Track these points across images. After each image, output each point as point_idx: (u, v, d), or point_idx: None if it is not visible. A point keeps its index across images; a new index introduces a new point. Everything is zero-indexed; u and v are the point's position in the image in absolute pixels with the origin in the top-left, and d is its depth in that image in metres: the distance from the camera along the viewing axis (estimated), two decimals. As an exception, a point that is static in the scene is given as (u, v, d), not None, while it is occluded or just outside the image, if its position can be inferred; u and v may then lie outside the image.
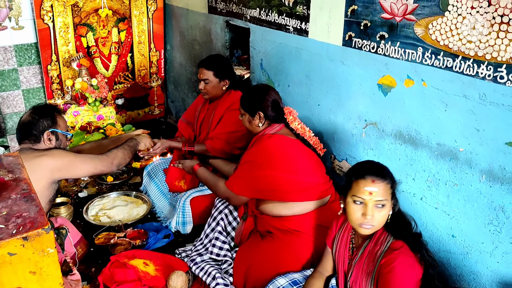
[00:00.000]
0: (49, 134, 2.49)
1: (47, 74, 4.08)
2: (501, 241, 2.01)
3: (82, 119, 3.94)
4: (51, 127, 2.50)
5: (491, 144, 1.96)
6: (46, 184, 2.37)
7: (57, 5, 3.94)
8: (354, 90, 2.57)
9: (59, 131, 2.54)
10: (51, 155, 2.40)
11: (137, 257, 2.60)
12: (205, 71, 3.09)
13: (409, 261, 1.77)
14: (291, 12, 2.89)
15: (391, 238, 1.84)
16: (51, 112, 2.54)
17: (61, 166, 2.40)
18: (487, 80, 1.90)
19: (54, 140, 2.52)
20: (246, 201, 2.58)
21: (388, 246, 1.83)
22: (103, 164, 2.55)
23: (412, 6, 2.13)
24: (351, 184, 1.84)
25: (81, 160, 2.49)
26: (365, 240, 1.93)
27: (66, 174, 2.44)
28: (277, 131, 2.51)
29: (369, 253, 1.87)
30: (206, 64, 3.10)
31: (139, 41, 4.57)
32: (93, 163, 2.52)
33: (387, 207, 1.81)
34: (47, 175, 2.35)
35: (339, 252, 2.05)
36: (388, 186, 1.81)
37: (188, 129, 3.44)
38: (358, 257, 1.92)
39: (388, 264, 1.77)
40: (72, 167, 2.44)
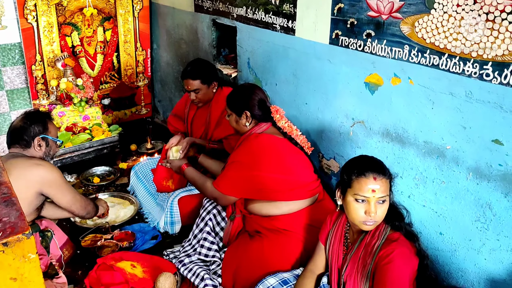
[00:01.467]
0: (40, 140, 2.48)
1: (31, 74, 4.02)
2: (488, 238, 2.02)
3: (67, 120, 3.89)
4: (42, 133, 2.50)
5: (477, 141, 1.97)
6: (35, 193, 2.36)
7: (41, 4, 3.88)
8: (341, 89, 2.56)
9: (50, 137, 2.54)
10: (49, 168, 2.40)
11: (124, 259, 2.58)
12: (191, 81, 3.03)
13: (407, 252, 1.78)
14: (278, 11, 2.87)
15: (388, 230, 1.84)
16: (43, 118, 2.54)
17: (53, 183, 2.40)
18: (473, 77, 1.91)
19: (44, 146, 2.51)
20: (234, 201, 2.57)
21: (385, 237, 1.83)
22: (78, 206, 2.59)
23: (398, 4, 2.12)
24: (351, 182, 1.82)
25: (68, 189, 2.51)
26: (360, 234, 1.92)
27: (53, 193, 2.43)
28: (264, 130, 2.50)
29: (366, 246, 1.86)
30: (190, 74, 3.04)
31: (125, 40, 4.52)
32: (74, 200, 2.54)
33: (387, 201, 1.82)
34: (37, 185, 2.35)
35: (333, 247, 2.03)
36: (388, 181, 1.82)
37: (181, 123, 3.41)
38: (354, 251, 1.91)
39: (387, 255, 1.76)
40: (60, 190, 2.45)
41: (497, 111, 1.86)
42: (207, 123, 3.15)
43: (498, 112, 1.86)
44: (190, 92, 3.07)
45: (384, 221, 1.87)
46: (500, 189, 1.93)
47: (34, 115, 2.55)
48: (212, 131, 3.11)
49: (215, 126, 3.09)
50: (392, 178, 1.85)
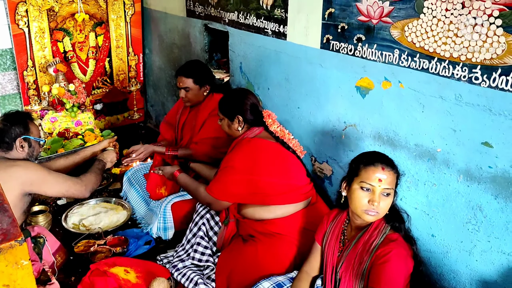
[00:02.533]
0: (22, 141, 2.44)
1: (23, 80, 4.01)
2: (480, 240, 2.04)
3: (59, 125, 3.88)
4: (24, 134, 2.45)
5: (467, 144, 1.99)
6: (18, 195, 2.33)
7: (32, 10, 3.87)
8: (333, 93, 2.58)
9: (32, 137, 2.49)
10: (25, 167, 2.36)
11: (118, 264, 2.57)
12: (184, 79, 3.05)
13: (404, 253, 1.79)
14: (269, 16, 2.89)
15: (388, 229, 1.86)
16: (23, 119, 2.49)
17: (33, 180, 2.36)
18: (462, 81, 1.93)
19: (26, 147, 2.47)
20: (228, 206, 2.57)
21: (384, 237, 1.84)
22: (76, 188, 2.53)
23: (388, 8, 2.15)
24: (359, 170, 1.84)
25: (54, 178, 2.45)
26: (358, 231, 1.93)
27: (38, 189, 2.39)
28: (257, 135, 2.51)
29: (364, 243, 1.87)
30: (184, 71, 3.07)
31: (117, 46, 4.53)
32: (66, 185, 2.49)
33: (391, 197, 1.83)
34: (18, 187, 2.31)
35: (329, 245, 2.03)
36: (395, 176, 1.84)
37: (170, 131, 3.42)
38: (351, 247, 1.91)
39: (384, 255, 1.77)
40: (45, 183, 2.40)
41: (486, 114, 1.88)
42: (193, 127, 3.16)
43: (487, 115, 1.88)
44: (180, 89, 3.08)
45: (384, 221, 1.88)
46: (490, 191, 1.95)
47: (13, 116, 2.50)
48: (196, 133, 3.13)
49: (200, 128, 3.10)
50: (399, 176, 1.87)
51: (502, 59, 1.78)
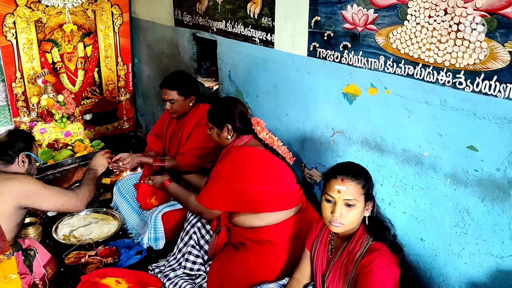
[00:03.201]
0: (24, 156, 2.50)
1: (11, 91, 3.99)
2: (468, 243, 2.06)
3: (49, 137, 3.87)
4: (27, 150, 2.52)
5: (453, 148, 2.01)
6: (13, 208, 2.35)
7: (20, 21, 3.87)
8: (320, 100, 2.60)
9: (33, 155, 2.56)
10: (20, 180, 2.39)
11: (109, 275, 2.56)
12: (168, 91, 3.05)
13: (388, 261, 1.80)
14: (257, 24, 2.91)
15: (371, 240, 1.87)
16: (28, 137, 2.58)
17: (29, 193, 2.37)
18: (447, 86, 1.96)
19: (27, 163, 2.52)
20: (218, 215, 2.58)
21: (367, 247, 1.86)
22: (71, 203, 2.53)
23: (372, 16, 2.17)
24: (325, 182, 1.91)
25: (50, 193, 2.46)
26: (344, 241, 1.95)
27: (33, 203, 2.41)
28: (246, 143, 2.52)
29: (348, 254, 1.89)
30: (168, 84, 3.06)
31: (105, 56, 4.53)
32: (62, 199, 2.49)
33: (357, 207, 1.85)
34: (13, 199, 2.33)
35: (318, 253, 2.05)
36: (359, 186, 1.85)
37: (157, 143, 3.42)
38: (337, 258, 1.93)
39: (368, 264, 1.79)
40: (40, 197, 2.42)
41: (471, 118, 1.91)
42: (179, 138, 3.16)
43: (472, 119, 1.91)
44: (166, 101, 3.08)
45: (366, 231, 1.90)
46: (477, 194, 1.98)
47: (20, 133, 2.59)
48: (183, 144, 3.12)
49: (186, 139, 3.10)
50: (368, 185, 1.89)
51: (485, 64, 1.81)
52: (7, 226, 2.32)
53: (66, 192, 2.56)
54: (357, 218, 1.87)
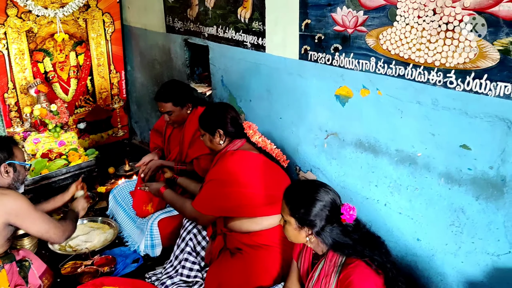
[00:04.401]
0: (6, 166, 2.38)
1: (4, 102, 3.97)
2: (464, 242, 2.06)
3: (43, 146, 3.85)
4: (8, 159, 2.40)
5: (446, 147, 2.02)
6: (2, 224, 2.26)
7: (11, 32, 3.86)
8: (313, 102, 2.60)
9: (17, 162, 2.44)
10: (14, 197, 2.30)
11: (106, 284, 2.54)
12: (163, 104, 3.02)
13: (366, 272, 1.79)
14: (248, 29, 2.91)
15: (344, 259, 1.86)
16: (6, 144, 2.44)
17: (19, 212, 2.28)
18: (438, 86, 1.96)
19: (12, 172, 2.41)
20: (214, 220, 2.57)
21: (342, 264, 1.86)
22: (55, 232, 2.42)
23: (362, 18, 2.18)
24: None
25: (39, 217, 2.36)
26: (322, 257, 1.95)
27: (21, 223, 2.32)
28: (239, 147, 2.51)
29: (325, 276, 1.89)
30: (162, 97, 3.03)
31: (98, 64, 4.52)
32: (48, 226, 2.38)
33: (289, 225, 1.93)
34: (3, 216, 2.24)
35: (303, 267, 2.07)
36: (288, 206, 1.93)
37: (161, 138, 3.41)
38: (315, 280, 1.94)
39: (346, 279, 1.80)
40: (29, 219, 2.32)
41: (463, 117, 1.92)
42: (181, 143, 3.15)
43: (464, 118, 1.91)
44: (163, 113, 3.07)
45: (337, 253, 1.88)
46: (471, 193, 1.98)
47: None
48: (186, 151, 3.11)
49: (189, 145, 3.08)
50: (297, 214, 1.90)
51: (475, 63, 1.82)
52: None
53: (53, 220, 2.47)
54: (292, 235, 1.96)
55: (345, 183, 2.55)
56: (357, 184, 2.48)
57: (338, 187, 2.57)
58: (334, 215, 1.87)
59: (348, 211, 1.85)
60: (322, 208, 1.86)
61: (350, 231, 1.88)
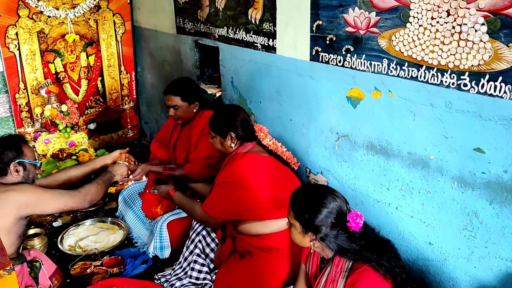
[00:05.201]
0: (16, 165, 2.40)
1: (15, 102, 4.01)
2: (477, 246, 2.03)
3: (53, 147, 3.87)
4: (17, 157, 2.40)
5: (460, 150, 1.99)
6: (14, 220, 2.29)
7: (22, 32, 3.88)
8: (324, 104, 2.58)
9: (26, 161, 2.45)
10: (19, 190, 2.32)
11: (115, 285, 2.54)
12: (172, 97, 3.04)
13: (373, 277, 1.77)
14: (258, 30, 2.90)
15: (350, 264, 1.85)
16: (15, 143, 2.45)
17: (29, 202, 2.31)
18: (451, 88, 1.94)
19: (22, 171, 2.42)
20: (223, 223, 2.56)
21: (349, 269, 1.84)
22: (74, 201, 2.45)
23: (374, 19, 2.16)
24: None
25: (50, 196, 2.39)
26: (329, 262, 1.93)
27: (34, 210, 2.35)
28: (250, 150, 2.50)
29: (332, 281, 1.87)
30: (171, 90, 3.05)
31: (108, 65, 4.54)
32: (64, 200, 2.42)
33: (294, 229, 1.93)
34: (14, 211, 2.27)
35: (311, 271, 2.05)
36: (293, 210, 1.92)
37: (161, 150, 3.40)
38: (322, 285, 1.92)
39: (353, 284, 1.78)
40: (41, 203, 2.35)
41: (477, 120, 1.88)
42: (187, 147, 3.14)
43: (478, 121, 1.88)
44: (169, 107, 3.07)
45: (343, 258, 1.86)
46: (485, 197, 1.95)
47: (6, 140, 2.46)
48: (192, 152, 3.10)
49: (194, 147, 3.08)
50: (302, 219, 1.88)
51: (489, 65, 1.79)
52: (9, 240, 2.27)
53: (67, 192, 2.49)
54: (298, 240, 1.94)
55: (356, 186, 2.53)
56: (369, 187, 2.46)
57: (349, 190, 2.55)
58: (340, 222, 1.84)
59: (354, 219, 1.82)
60: (328, 215, 1.83)
61: (357, 237, 1.85)
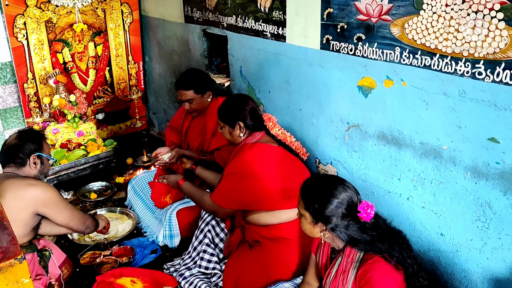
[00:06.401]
0: (35, 157, 2.45)
1: (23, 92, 4.00)
2: (490, 237, 2.00)
3: (62, 137, 3.87)
4: (38, 151, 2.47)
5: (473, 140, 1.95)
6: (31, 214, 2.32)
7: (30, 22, 3.87)
8: (334, 93, 2.55)
9: (45, 155, 2.52)
10: (44, 187, 2.37)
11: (124, 275, 2.55)
12: (184, 92, 3.01)
13: (384, 268, 1.76)
14: (268, 18, 2.87)
15: (362, 255, 1.83)
16: (37, 137, 2.52)
17: (48, 202, 2.35)
18: (466, 76, 1.90)
19: (39, 164, 2.48)
20: (232, 213, 2.55)
21: (360, 260, 1.82)
22: (76, 222, 2.51)
23: (387, 6, 2.12)
24: None
25: (65, 207, 2.45)
26: (340, 252, 1.92)
27: (49, 212, 2.38)
28: (259, 140, 2.48)
29: (343, 271, 1.86)
30: (183, 84, 3.02)
31: (116, 54, 4.52)
32: (72, 216, 2.48)
33: (304, 219, 1.90)
34: (33, 206, 2.30)
35: (322, 261, 2.04)
36: (303, 201, 1.90)
37: (175, 135, 3.39)
38: (333, 276, 1.91)
39: (364, 275, 1.77)
40: (56, 209, 2.39)
41: (492, 109, 1.85)
42: (203, 134, 3.12)
43: (493, 110, 1.85)
44: (184, 102, 3.05)
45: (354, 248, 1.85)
46: (498, 187, 1.92)
47: (28, 133, 2.53)
48: (209, 141, 3.08)
49: (212, 134, 3.06)
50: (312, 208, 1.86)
51: (505, 53, 1.75)
52: (24, 231, 2.31)
53: (78, 211, 2.57)
54: (308, 230, 1.92)
55: (367, 176, 2.50)
56: (379, 178, 2.43)
57: (359, 180, 2.53)
58: (350, 213, 1.82)
59: (365, 210, 1.80)
60: (338, 205, 1.82)
61: (368, 227, 1.83)
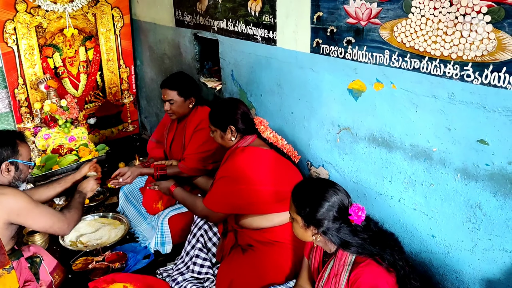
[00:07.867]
0: (8, 164, 2.28)
1: (14, 98, 3.98)
2: (480, 238, 2.01)
3: (53, 142, 3.85)
4: (11, 157, 2.29)
5: (463, 142, 1.97)
6: (4, 224, 2.19)
7: (20, 27, 3.85)
8: (325, 96, 2.56)
9: (20, 161, 2.34)
10: (14, 196, 2.22)
11: (117, 281, 2.54)
12: (168, 91, 3.01)
13: (377, 271, 1.77)
14: (258, 22, 2.87)
15: (353, 258, 1.84)
16: (11, 141, 2.33)
17: (20, 211, 2.21)
18: (454, 79, 1.91)
19: (13, 171, 2.31)
20: (225, 217, 2.54)
21: (352, 263, 1.83)
22: (59, 226, 2.36)
23: (376, 10, 2.13)
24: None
25: (40, 212, 2.29)
26: (332, 256, 1.92)
27: (23, 221, 2.25)
28: (250, 143, 2.48)
29: (335, 275, 1.86)
30: (168, 84, 3.02)
31: (107, 59, 4.50)
32: (51, 221, 2.32)
33: (296, 223, 1.91)
34: (3, 216, 2.17)
35: (314, 265, 2.05)
36: (294, 205, 1.90)
37: (158, 149, 3.39)
38: (325, 279, 1.91)
39: (357, 278, 1.77)
40: (30, 216, 2.25)
41: (480, 111, 1.86)
42: (183, 145, 3.11)
43: (482, 112, 1.86)
44: (165, 102, 3.05)
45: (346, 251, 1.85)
46: (488, 189, 1.93)
47: (1, 137, 2.33)
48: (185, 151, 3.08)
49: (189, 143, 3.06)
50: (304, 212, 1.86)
51: (493, 55, 1.77)
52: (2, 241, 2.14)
53: (56, 213, 2.38)
54: (300, 234, 1.93)
55: (358, 179, 2.51)
56: (371, 180, 2.44)
57: (351, 183, 2.53)
58: (342, 216, 1.83)
59: (356, 212, 1.81)
60: (329, 209, 1.82)
61: (359, 230, 1.84)
